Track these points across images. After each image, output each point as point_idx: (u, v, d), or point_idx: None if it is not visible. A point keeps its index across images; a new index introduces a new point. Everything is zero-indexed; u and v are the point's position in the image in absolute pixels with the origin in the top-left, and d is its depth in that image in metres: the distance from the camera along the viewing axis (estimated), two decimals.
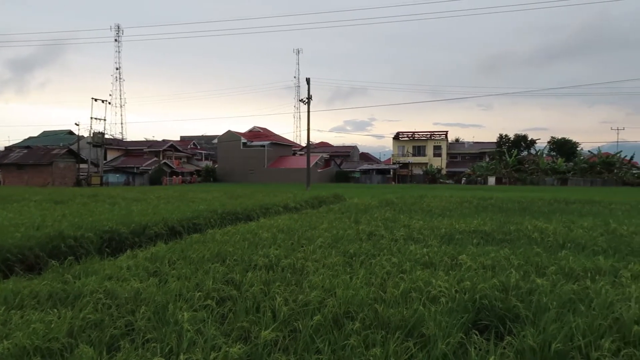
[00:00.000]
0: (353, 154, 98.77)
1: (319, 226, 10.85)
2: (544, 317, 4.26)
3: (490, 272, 6.12)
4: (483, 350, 3.71)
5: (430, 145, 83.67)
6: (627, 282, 5.61)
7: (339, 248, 7.97)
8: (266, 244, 8.28)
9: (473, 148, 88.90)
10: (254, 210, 15.33)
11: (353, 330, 4.02)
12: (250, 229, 10.29)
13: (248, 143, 77.07)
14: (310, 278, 5.72)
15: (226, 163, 77.38)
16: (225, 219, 13.46)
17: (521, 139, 79.33)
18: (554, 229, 10.45)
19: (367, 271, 6.15)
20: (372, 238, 9.28)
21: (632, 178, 65.66)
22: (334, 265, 6.58)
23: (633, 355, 3.54)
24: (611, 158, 70.29)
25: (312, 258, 7.06)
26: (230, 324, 4.30)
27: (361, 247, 7.97)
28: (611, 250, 8.02)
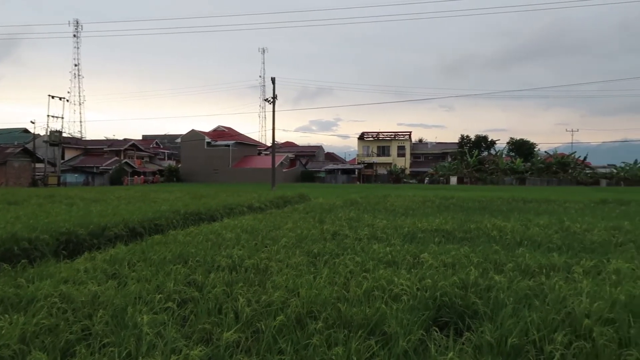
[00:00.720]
0: (318, 153, 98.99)
1: (284, 226, 10.82)
2: (501, 312, 4.39)
3: (450, 269, 6.25)
4: (443, 346, 3.80)
5: (394, 145, 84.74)
6: (579, 277, 5.84)
7: (303, 248, 7.97)
8: (229, 245, 8.20)
9: (436, 148, 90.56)
10: (218, 210, 15.16)
11: (316, 330, 4.02)
12: (214, 230, 10.17)
13: (212, 142, 76.08)
14: (273, 278, 5.70)
15: (190, 163, 76.15)
16: (188, 220, 13.25)
17: (482, 140, 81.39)
18: (512, 227, 10.77)
19: (331, 271, 6.18)
20: (336, 237, 9.33)
21: (585, 178, 68.40)
22: (298, 265, 6.58)
23: (583, 347, 3.68)
24: (566, 158, 73.02)
25: (276, 258, 7.04)
26: (191, 326, 4.24)
27: (325, 247, 8.00)
28: (565, 247, 8.34)
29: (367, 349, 3.70)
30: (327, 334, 3.94)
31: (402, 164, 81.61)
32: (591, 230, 10.42)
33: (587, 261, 6.80)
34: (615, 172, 71.37)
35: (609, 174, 70.68)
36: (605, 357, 3.59)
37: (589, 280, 5.59)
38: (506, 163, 73.14)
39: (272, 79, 46.18)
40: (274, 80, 46.11)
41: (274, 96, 45.95)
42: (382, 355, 3.61)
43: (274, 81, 46.10)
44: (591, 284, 5.35)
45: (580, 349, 3.69)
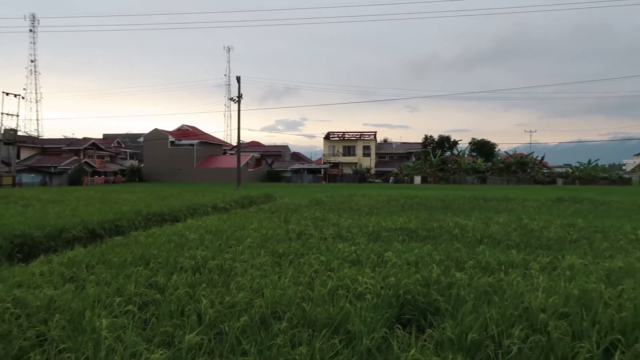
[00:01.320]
0: (284, 153, 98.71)
1: (249, 226, 10.74)
2: (462, 309, 4.49)
3: (413, 267, 6.35)
4: (405, 343, 3.85)
5: (359, 145, 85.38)
6: (536, 273, 6.04)
7: (268, 248, 7.94)
8: (193, 246, 8.08)
9: (400, 148, 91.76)
10: (181, 210, 14.91)
11: (280, 330, 4.02)
12: (177, 230, 10.00)
13: (176, 142, 74.73)
14: (238, 279, 5.65)
15: (153, 162, 74.56)
16: (151, 221, 12.99)
17: (445, 140, 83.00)
18: (473, 225, 11.03)
19: (296, 270, 6.17)
20: (301, 237, 9.33)
21: (543, 177, 70.74)
22: (263, 265, 6.55)
23: (539, 341, 3.81)
24: (525, 158, 75.33)
25: (240, 259, 6.98)
26: (153, 329, 4.16)
27: (290, 247, 7.99)
28: (523, 245, 8.60)
29: (331, 347, 3.71)
30: (291, 333, 3.94)
31: (367, 163, 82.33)
32: (547, 228, 10.79)
33: (544, 257, 7.04)
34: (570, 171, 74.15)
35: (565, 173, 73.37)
36: (559, 349, 3.72)
37: (545, 276, 5.79)
38: (468, 163, 74.83)
39: (237, 77, 45.75)
40: (239, 79, 45.70)
41: (239, 95, 45.54)
42: (346, 353, 3.64)
43: (239, 80, 45.68)
44: (547, 280, 5.55)
45: (536, 342, 3.81)
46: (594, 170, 72.11)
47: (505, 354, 3.69)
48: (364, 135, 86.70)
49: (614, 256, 7.39)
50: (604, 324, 4.18)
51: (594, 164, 74.21)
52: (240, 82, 45.59)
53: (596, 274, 5.98)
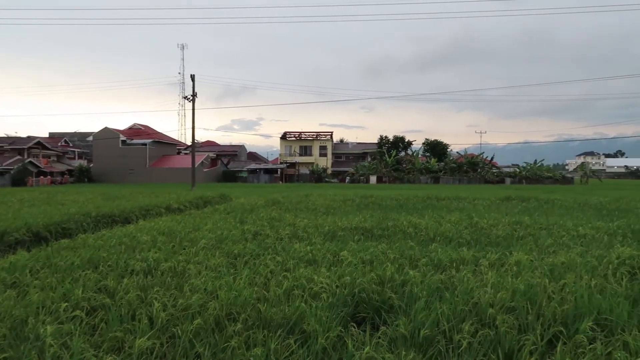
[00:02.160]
0: (240, 153, 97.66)
1: (203, 227, 10.57)
2: (415, 306, 4.58)
3: (368, 266, 6.44)
4: (360, 341, 3.90)
5: (316, 145, 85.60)
6: (485, 270, 6.25)
7: (223, 249, 7.84)
8: (145, 248, 7.87)
9: (356, 148, 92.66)
10: (133, 212, 14.48)
11: (235, 332, 3.98)
12: (128, 232, 9.71)
13: (128, 141, 72.46)
14: (192, 281, 5.55)
15: (103, 162, 72.01)
16: (100, 223, 12.55)
17: (399, 140, 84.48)
18: (427, 224, 11.28)
19: (251, 271, 6.13)
20: (257, 238, 9.27)
21: (492, 176, 73.21)
22: (218, 266, 6.47)
23: (487, 335, 3.95)
24: (475, 159, 77.73)
25: (194, 260, 6.87)
26: (101, 334, 4.02)
27: (246, 247, 7.92)
28: (473, 242, 8.89)
29: (286, 348, 3.71)
30: (246, 335, 3.91)
31: (324, 163, 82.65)
32: (496, 226, 11.19)
33: (493, 254, 7.29)
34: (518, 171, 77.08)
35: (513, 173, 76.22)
36: (506, 342, 3.86)
37: (494, 272, 6.00)
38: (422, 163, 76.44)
39: (192, 76, 44.90)
40: (193, 78, 44.86)
41: (193, 94, 44.70)
42: (301, 353, 3.65)
43: (193, 79, 44.85)
44: (495, 276, 5.75)
45: (485, 336, 3.95)
46: (540, 170, 75.30)
47: (456, 349, 3.80)
48: (320, 136, 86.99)
49: (557, 252, 7.75)
50: (547, 316, 4.38)
51: (539, 164, 77.49)
52: (194, 80, 44.78)
53: (541, 269, 6.25)
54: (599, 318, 4.39)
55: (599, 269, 6.28)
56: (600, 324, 4.32)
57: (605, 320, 4.36)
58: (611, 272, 6.15)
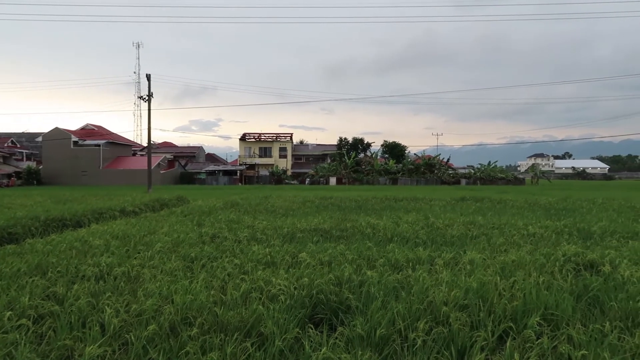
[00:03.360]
0: (199, 154, 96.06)
1: (159, 230, 10.34)
2: (372, 306, 4.64)
3: (327, 267, 6.47)
4: (317, 342, 3.91)
5: (276, 146, 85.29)
6: (440, 269, 6.41)
7: (180, 252, 7.70)
8: (97, 252, 7.62)
9: (316, 150, 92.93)
10: (85, 215, 13.98)
11: (190, 337, 3.91)
12: (79, 237, 9.37)
13: (80, 142, 69.91)
14: (146, 286, 5.42)
15: (53, 164, 69.18)
16: (50, 227, 12.06)
17: (358, 142, 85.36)
18: (384, 224, 11.45)
19: (209, 274, 6.05)
20: (215, 240, 9.15)
21: (448, 177, 75.07)
22: (174, 270, 6.34)
23: (441, 332, 4.05)
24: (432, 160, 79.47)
25: (149, 264, 6.71)
26: (49, 343, 3.87)
27: (203, 250, 7.81)
28: (429, 242, 9.08)
29: (243, 351, 3.68)
30: (202, 339, 3.85)
31: (283, 165, 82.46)
32: (451, 226, 11.49)
33: (447, 254, 7.48)
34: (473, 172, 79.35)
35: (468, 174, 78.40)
36: (459, 339, 3.97)
37: (448, 271, 6.16)
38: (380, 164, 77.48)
39: (147, 75, 43.81)
40: (149, 77, 43.79)
41: (149, 94, 43.64)
42: (258, 356, 3.63)
43: (149, 78, 43.77)
44: (450, 275, 5.90)
45: (438, 334, 4.05)
46: (493, 171, 77.78)
47: (411, 347, 3.88)
48: (280, 137, 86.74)
49: (508, 250, 8.03)
50: (498, 313, 4.53)
51: (493, 166, 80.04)
52: (150, 80, 43.71)
53: (493, 267, 6.46)
54: (546, 313, 4.58)
55: (546, 266, 6.56)
56: (547, 319, 4.51)
57: (552, 315, 4.55)
58: (558, 269, 6.44)
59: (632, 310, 4.66)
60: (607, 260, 6.89)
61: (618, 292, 5.22)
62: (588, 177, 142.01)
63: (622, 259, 6.97)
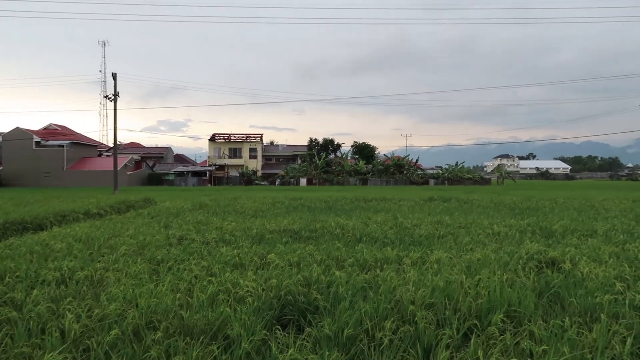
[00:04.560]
0: (167, 155, 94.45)
1: (125, 233, 10.11)
2: (340, 306, 4.65)
3: (295, 268, 6.45)
4: (284, 344, 3.90)
5: (246, 147, 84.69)
6: (408, 268, 6.47)
7: (146, 255, 7.54)
8: (59, 256, 7.40)
9: (287, 151, 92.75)
10: (47, 218, 13.55)
11: (154, 341, 3.84)
12: (40, 240, 9.07)
13: (42, 142, 67.76)
14: (110, 290, 5.29)
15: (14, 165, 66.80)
16: (9, 230, 11.64)
17: (329, 143, 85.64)
18: (353, 225, 11.51)
19: (175, 277, 5.95)
20: (182, 242, 9.01)
21: (417, 178, 76.09)
22: (139, 273, 6.21)
23: (408, 331, 4.09)
24: (401, 161, 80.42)
25: (114, 268, 6.55)
26: (6, 351, 3.73)
27: (170, 253, 7.68)
28: (397, 242, 9.18)
29: (209, 354, 3.63)
30: (166, 343, 3.78)
31: (254, 165, 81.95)
32: (419, 225, 11.64)
33: (415, 253, 7.57)
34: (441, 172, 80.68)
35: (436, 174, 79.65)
36: (425, 337, 4.02)
37: (416, 270, 6.23)
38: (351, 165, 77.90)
39: (113, 74, 42.85)
40: (115, 77, 42.83)
41: (115, 93, 42.68)
42: (224, 359, 3.58)
43: (115, 77, 42.82)
44: (417, 274, 5.97)
45: (405, 332, 4.09)
46: (461, 171, 79.28)
47: (378, 346, 3.90)
48: (250, 138, 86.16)
49: (474, 249, 8.19)
50: (463, 311, 4.61)
51: (460, 166, 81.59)
52: (116, 79, 42.76)
53: (459, 266, 6.58)
54: (510, 310, 4.69)
55: (510, 264, 6.72)
56: (510, 315, 4.62)
57: (515, 312, 4.67)
58: (521, 266, 6.61)
59: (590, 305, 4.82)
60: (567, 257, 7.11)
61: (578, 289, 5.39)
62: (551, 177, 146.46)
63: (582, 257, 7.20)
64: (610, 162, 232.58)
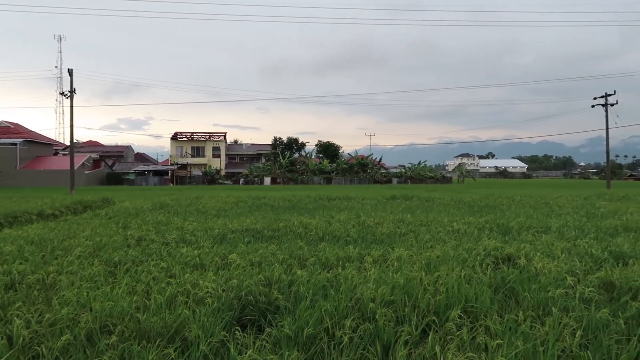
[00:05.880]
0: (127, 154, 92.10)
1: (80, 234, 9.78)
2: (300, 305, 4.64)
3: (257, 268, 6.40)
4: (244, 345, 3.85)
5: (209, 146, 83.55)
6: (369, 266, 6.53)
7: (102, 257, 7.33)
8: (9, 259, 7.09)
9: (250, 149, 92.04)
10: None
11: (109, 345, 3.72)
12: None
13: None
14: (62, 293, 5.10)
15: None
16: None
17: (293, 142, 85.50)
18: (316, 223, 11.52)
19: (133, 279, 5.80)
20: (141, 243, 8.79)
21: (381, 177, 77.03)
22: (94, 276, 6.02)
23: (367, 329, 4.12)
24: (365, 160, 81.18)
25: (68, 270, 6.32)
26: None
27: (128, 254, 7.48)
28: (360, 240, 9.25)
29: (165, 357, 3.55)
30: (121, 348, 3.67)
31: (217, 164, 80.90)
32: (382, 224, 11.76)
33: (376, 251, 7.64)
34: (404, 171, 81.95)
35: (399, 173, 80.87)
36: (384, 335, 4.06)
37: (377, 268, 6.29)
38: (315, 164, 78.09)
39: (69, 70, 41.41)
40: (71, 72, 41.40)
41: (71, 90, 41.27)
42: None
43: (71, 73, 41.39)
44: (378, 272, 6.02)
45: (365, 330, 4.11)
46: (423, 170, 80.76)
47: (337, 345, 3.91)
48: (213, 136, 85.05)
49: (434, 246, 8.34)
50: (422, 307, 4.68)
51: (423, 165, 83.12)
52: (72, 75, 41.35)
53: (419, 263, 6.68)
54: (467, 306, 4.79)
55: (468, 261, 6.87)
56: (467, 311, 4.71)
57: (472, 308, 4.77)
58: (478, 263, 6.76)
59: (543, 300, 4.99)
60: (522, 253, 7.34)
61: (532, 283, 5.56)
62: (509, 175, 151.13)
63: (536, 252, 7.45)
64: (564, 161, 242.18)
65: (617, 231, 10.61)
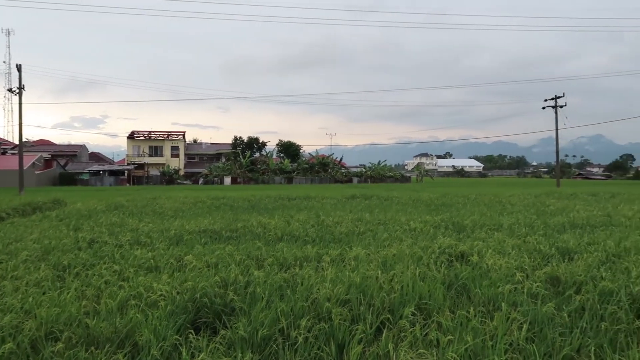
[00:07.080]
0: (81, 153, 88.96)
1: (28, 237, 9.38)
2: (256, 306, 4.61)
3: (213, 269, 6.31)
4: (196, 348, 3.79)
5: (167, 145, 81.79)
6: (327, 266, 6.55)
7: (50, 260, 7.04)
8: None
9: (210, 149, 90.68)
10: None
11: (54, 353, 3.58)
12: None
13: None
14: (5, 300, 4.87)
15: None
16: None
17: (254, 141, 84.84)
18: (275, 223, 11.48)
19: (82, 283, 5.61)
20: (92, 246, 8.51)
21: (341, 176, 77.51)
22: (41, 281, 5.78)
23: (322, 328, 4.13)
24: (326, 159, 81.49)
25: (12, 275, 6.05)
26: None
27: (78, 257, 7.23)
28: (318, 239, 9.27)
29: None
30: (67, 355, 3.54)
31: (176, 164, 79.27)
32: (340, 223, 11.84)
33: (334, 250, 7.68)
34: (364, 171, 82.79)
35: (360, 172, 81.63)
36: (340, 334, 4.09)
37: (334, 268, 6.32)
38: (276, 164, 77.75)
39: (18, 66, 39.57)
40: (19, 68, 39.58)
41: (20, 86, 39.46)
42: None
43: (19, 69, 39.56)
44: (335, 271, 6.05)
45: (320, 330, 4.13)
46: (383, 170, 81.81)
47: (292, 345, 3.91)
48: (172, 135, 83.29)
49: (391, 245, 8.46)
50: (377, 305, 4.74)
51: (382, 165, 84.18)
52: (21, 71, 39.54)
53: (375, 262, 6.76)
54: (421, 303, 4.89)
55: (423, 259, 7.00)
56: (421, 308, 4.81)
57: (426, 305, 4.87)
58: (433, 260, 6.91)
59: (493, 295, 5.15)
60: (475, 250, 7.55)
61: (483, 280, 5.73)
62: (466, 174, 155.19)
63: (488, 249, 7.68)
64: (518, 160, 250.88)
65: (565, 228, 11.08)
